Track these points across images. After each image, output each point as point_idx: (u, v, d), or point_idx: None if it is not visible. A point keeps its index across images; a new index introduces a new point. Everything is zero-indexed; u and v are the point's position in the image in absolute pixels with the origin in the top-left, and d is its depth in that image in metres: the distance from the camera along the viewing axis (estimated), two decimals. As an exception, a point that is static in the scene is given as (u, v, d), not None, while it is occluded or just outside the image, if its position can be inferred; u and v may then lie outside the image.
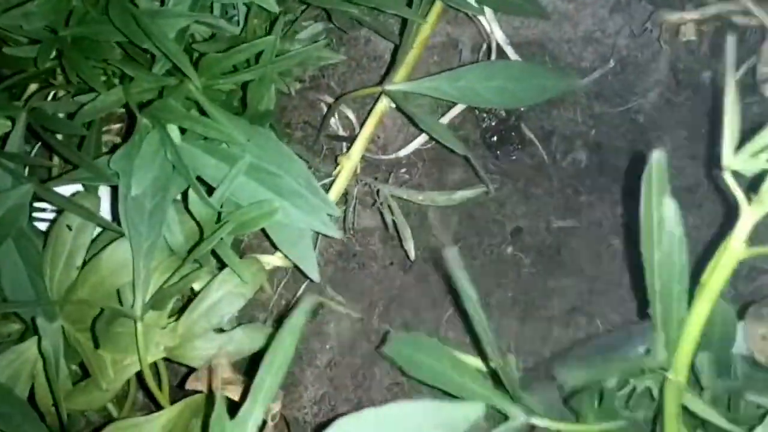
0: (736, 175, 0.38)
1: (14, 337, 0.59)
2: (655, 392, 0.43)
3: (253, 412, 0.41)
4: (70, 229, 0.53)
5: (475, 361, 0.53)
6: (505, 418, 0.44)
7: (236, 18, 0.61)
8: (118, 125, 0.67)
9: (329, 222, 0.53)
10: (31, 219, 0.56)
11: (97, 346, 0.47)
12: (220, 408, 0.40)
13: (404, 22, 0.58)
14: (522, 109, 0.63)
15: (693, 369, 0.42)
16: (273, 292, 0.62)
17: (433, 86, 0.55)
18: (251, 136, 0.51)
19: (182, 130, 0.51)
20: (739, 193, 0.38)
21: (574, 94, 0.63)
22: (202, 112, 0.53)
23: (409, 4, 0.56)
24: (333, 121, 0.67)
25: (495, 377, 0.46)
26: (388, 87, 0.56)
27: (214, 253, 0.52)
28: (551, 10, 0.64)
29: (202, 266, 0.51)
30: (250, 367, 0.53)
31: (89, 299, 0.50)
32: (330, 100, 0.67)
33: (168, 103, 0.50)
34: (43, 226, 0.58)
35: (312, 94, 0.69)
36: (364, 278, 0.64)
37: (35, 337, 0.53)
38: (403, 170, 0.67)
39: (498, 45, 0.63)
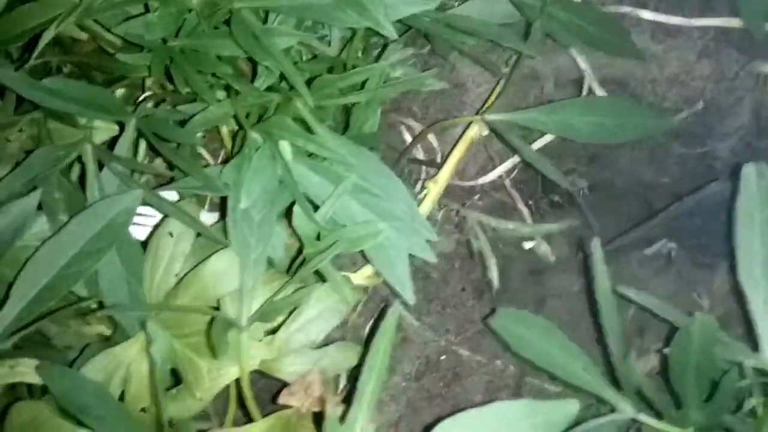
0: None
1: (97, 339, 0.60)
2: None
3: (359, 416, 0.41)
4: (172, 236, 0.53)
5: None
6: (612, 410, 0.44)
7: (327, 38, 0.62)
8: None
9: (426, 246, 0.53)
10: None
11: (215, 354, 0.48)
12: (333, 415, 0.41)
13: (514, 56, 0.59)
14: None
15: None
16: (352, 311, 0.63)
17: (532, 117, 0.56)
18: (357, 156, 0.52)
19: (288, 147, 0.52)
20: None
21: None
22: (307, 128, 0.54)
23: (524, 38, 0.58)
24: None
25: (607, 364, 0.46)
26: (489, 116, 0.57)
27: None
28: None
29: (306, 282, 0.52)
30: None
31: (190, 307, 0.51)
32: (412, 123, 0.69)
33: (283, 120, 0.51)
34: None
35: (393, 117, 0.70)
36: (440, 303, 0.65)
37: (129, 341, 0.53)
38: (476, 196, 0.69)
39: (585, 81, 0.64)
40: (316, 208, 0.52)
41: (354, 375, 0.43)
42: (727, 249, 0.44)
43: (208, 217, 0.61)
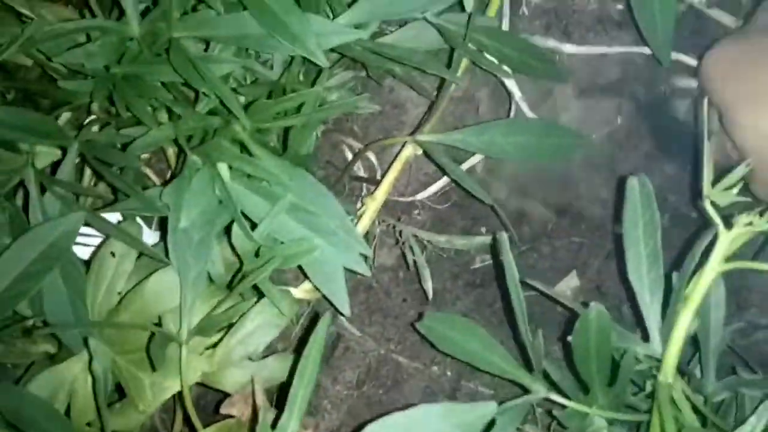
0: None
1: (42, 357, 0.61)
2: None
3: (291, 422, 0.44)
4: (114, 255, 0.55)
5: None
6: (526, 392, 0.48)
7: (270, 62, 0.65)
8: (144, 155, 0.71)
9: (361, 260, 0.56)
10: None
11: (153, 368, 0.50)
12: (264, 421, 0.43)
13: (442, 80, 0.62)
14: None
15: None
16: (294, 324, 0.66)
17: (461, 138, 0.60)
18: (293, 176, 0.55)
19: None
20: (717, 219, 0.45)
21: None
22: (246, 151, 0.57)
23: (448, 65, 0.61)
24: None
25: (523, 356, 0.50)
26: (420, 137, 0.61)
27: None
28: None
29: (243, 297, 0.54)
30: (279, 395, 0.56)
31: (131, 323, 0.53)
32: (353, 142, 0.72)
33: (220, 143, 0.54)
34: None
35: (335, 136, 0.73)
36: (382, 313, 0.68)
37: (73, 358, 0.55)
38: (416, 212, 0.72)
39: (516, 102, 0.68)
40: (254, 226, 0.55)
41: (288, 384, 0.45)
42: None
43: (153, 237, 0.63)
